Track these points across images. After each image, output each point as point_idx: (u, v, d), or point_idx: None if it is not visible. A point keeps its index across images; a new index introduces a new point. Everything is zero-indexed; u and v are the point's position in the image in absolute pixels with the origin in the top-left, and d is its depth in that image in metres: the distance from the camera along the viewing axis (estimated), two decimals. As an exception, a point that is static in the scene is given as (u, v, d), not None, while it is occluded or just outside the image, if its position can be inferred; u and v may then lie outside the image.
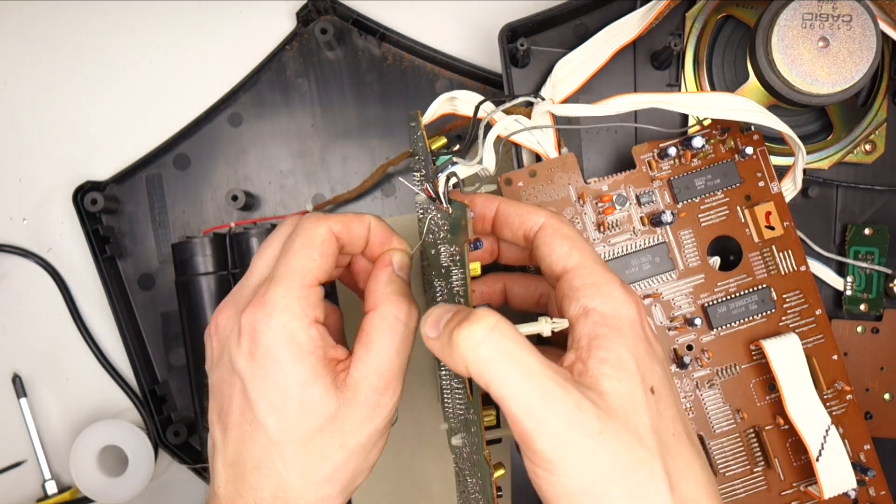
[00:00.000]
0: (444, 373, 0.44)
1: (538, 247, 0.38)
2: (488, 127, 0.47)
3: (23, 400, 0.58)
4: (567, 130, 0.50)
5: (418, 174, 0.42)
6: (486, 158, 0.46)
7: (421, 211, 0.44)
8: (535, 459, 0.32)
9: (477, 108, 0.47)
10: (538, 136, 0.48)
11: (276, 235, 0.40)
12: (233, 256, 0.55)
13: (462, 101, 0.48)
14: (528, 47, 0.50)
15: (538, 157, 0.48)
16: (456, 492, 0.46)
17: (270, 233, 0.41)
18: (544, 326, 0.36)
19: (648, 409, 0.34)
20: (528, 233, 0.39)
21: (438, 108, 0.48)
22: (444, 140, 0.42)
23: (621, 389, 0.33)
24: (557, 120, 0.49)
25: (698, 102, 0.46)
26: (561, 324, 0.36)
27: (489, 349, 0.32)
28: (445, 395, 0.44)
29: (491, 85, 0.58)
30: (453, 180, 0.39)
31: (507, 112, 0.48)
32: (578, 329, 0.35)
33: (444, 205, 0.38)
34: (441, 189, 0.38)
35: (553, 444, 0.31)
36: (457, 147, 0.43)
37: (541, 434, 0.31)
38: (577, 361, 0.34)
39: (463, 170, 0.44)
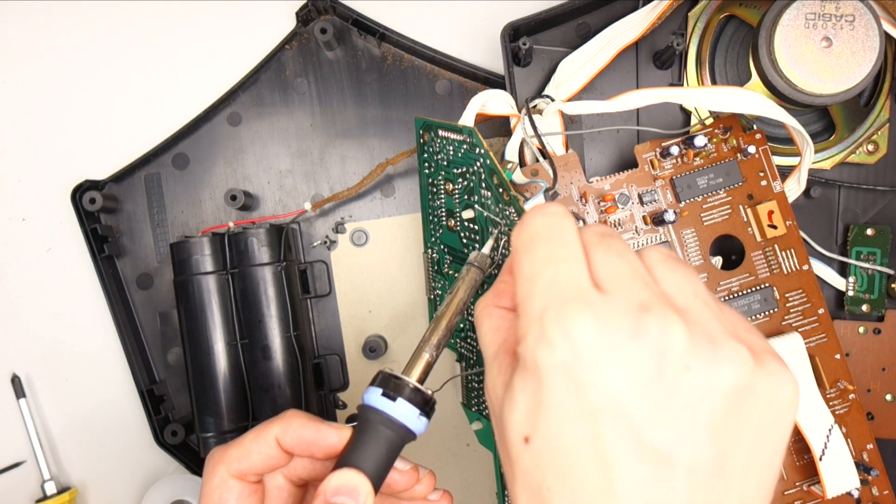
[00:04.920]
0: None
1: None
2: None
3: (22, 400, 0.58)
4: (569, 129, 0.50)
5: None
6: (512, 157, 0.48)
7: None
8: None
9: (527, 106, 0.47)
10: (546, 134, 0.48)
11: None
12: (231, 256, 0.55)
13: (493, 101, 0.48)
14: (530, 46, 0.50)
15: (543, 153, 0.48)
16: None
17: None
18: None
19: None
20: None
21: (474, 111, 0.47)
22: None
23: None
24: (566, 118, 0.49)
25: (709, 97, 0.46)
26: None
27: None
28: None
29: (491, 85, 0.58)
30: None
31: (532, 111, 0.48)
32: None
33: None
34: None
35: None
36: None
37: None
38: None
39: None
